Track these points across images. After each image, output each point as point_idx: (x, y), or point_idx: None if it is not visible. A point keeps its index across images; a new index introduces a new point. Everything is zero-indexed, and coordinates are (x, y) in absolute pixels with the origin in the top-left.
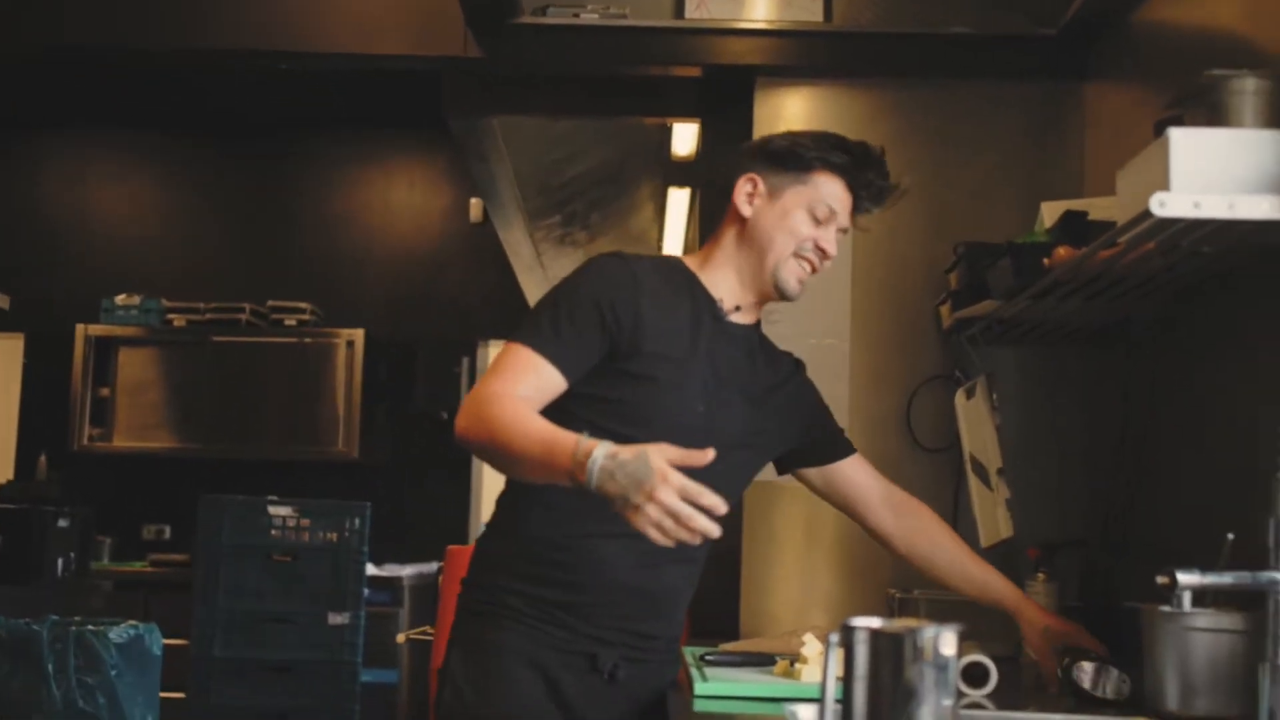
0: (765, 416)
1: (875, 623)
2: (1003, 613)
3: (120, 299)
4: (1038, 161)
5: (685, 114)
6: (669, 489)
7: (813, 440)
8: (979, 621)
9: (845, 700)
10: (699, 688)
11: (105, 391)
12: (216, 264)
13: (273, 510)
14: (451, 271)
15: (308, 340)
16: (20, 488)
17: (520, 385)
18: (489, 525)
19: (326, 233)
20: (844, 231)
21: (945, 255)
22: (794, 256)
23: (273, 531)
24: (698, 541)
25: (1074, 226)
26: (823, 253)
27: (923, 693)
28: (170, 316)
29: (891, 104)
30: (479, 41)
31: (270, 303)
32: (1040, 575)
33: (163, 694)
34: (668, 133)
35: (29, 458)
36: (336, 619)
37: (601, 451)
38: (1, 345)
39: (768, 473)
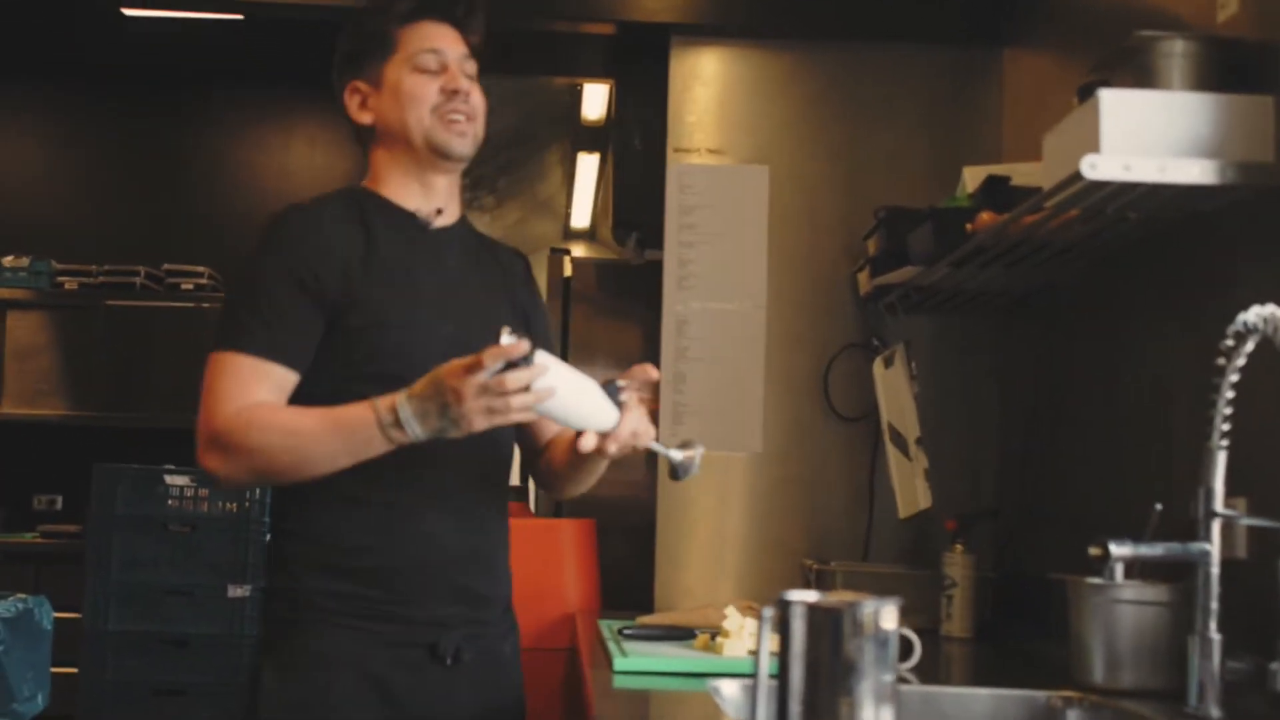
0: (516, 311)
1: (811, 596)
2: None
3: (8, 260)
4: (955, 126)
5: (597, 74)
6: (465, 379)
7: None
8: (898, 593)
9: (781, 676)
10: (618, 663)
11: None
12: (110, 225)
13: (169, 480)
14: None
15: (205, 305)
16: None
17: (252, 398)
18: (275, 526)
19: (225, 194)
20: (469, 64)
21: (862, 220)
22: (435, 119)
23: (169, 501)
24: (532, 403)
25: (996, 191)
26: (455, 93)
27: (863, 668)
28: (61, 279)
29: (808, 65)
30: None
31: (166, 266)
32: (958, 547)
33: (54, 669)
34: (578, 96)
35: None
36: (236, 591)
37: (402, 400)
38: None
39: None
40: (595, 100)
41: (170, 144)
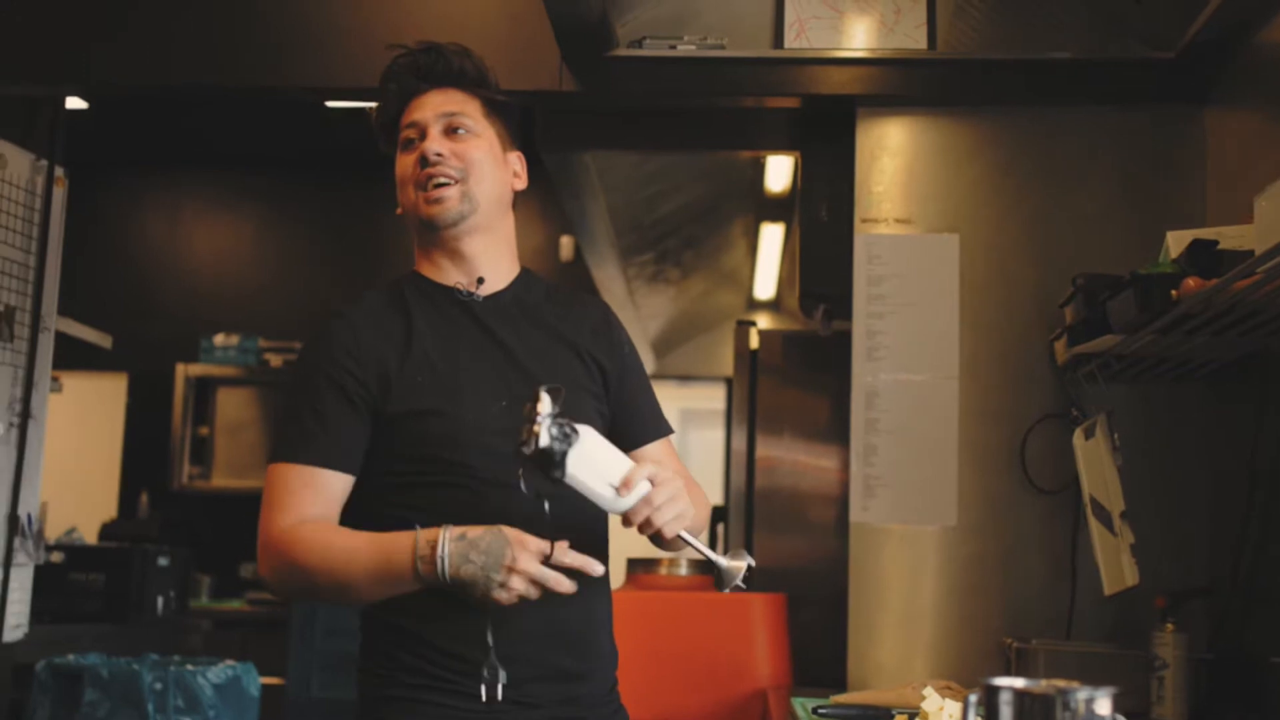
0: (587, 362)
1: (1019, 682)
2: (1130, 664)
3: (218, 339)
4: (1154, 190)
5: (782, 147)
6: (529, 555)
7: (621, 404)
8: (1105, 674)
9: None
10: None
11: (204, 430)
12: (312, 303)
13: None
14: None
15: None
16: (122, 526)
17: (305, 508)
18: (365, 609)
19: None
20: (452, 119)
21: (1058, 287)
22: (419, 193)
23: None
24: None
25: (1203, 256)
26: (425, 160)
27: None
28: (267, 356)
29: (998, 132)
30: (574, 74)
31: None
32: (1168, 626)
33: None
34: (761, 168)
35: (131, 496)
36: None
37: (448, 535)
38: (106, 385)
39: (875, 516)
40: (779, 171)
41: (367, 224)
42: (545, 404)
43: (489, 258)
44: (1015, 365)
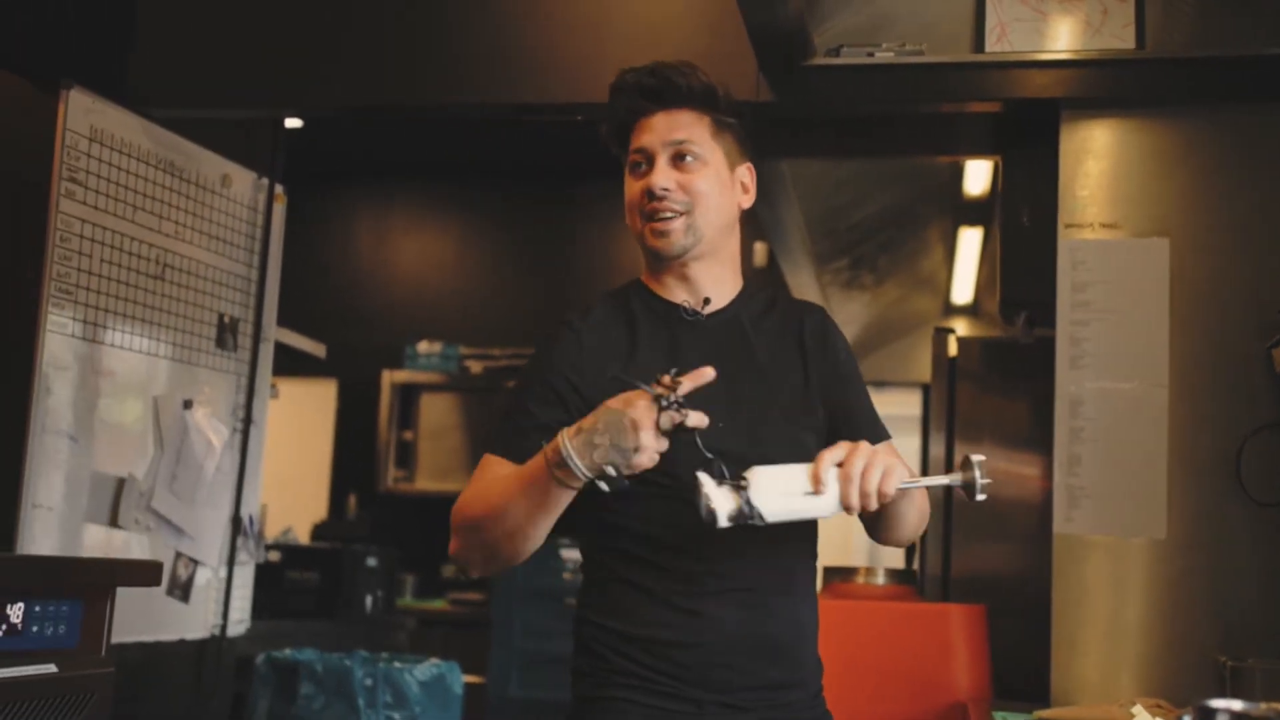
0: (810, 376)
1: (1237, 704)
2: None
3: (422, 346)
4: None
5: (982, 151)
6: (643, 409)
7: (838, 409)
8: None
9: None
10: None
11: (409, 435)
12: (510, 310)
13: (564, 554)
14: None
15: None
16: (333, 526)
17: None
18: (578, 612)
19: (614, 279)
20: (679, 146)
21: (1275, 293)
22: (644, 223)
23: (564, 575)
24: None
25: None
26: (652, 194)
27: None
28: (467, 363)
29: (1210, 132)
30: (771, 84)
31: None
32: None
33: None
34: (959, 172)
35: (340, 497)
36: None
37: (566, 436)
38: (318, 390)
39: (1080, 527)
40: (978, 174)
41: (564, 233)
42: (705, 483)
43: (713, 278)
44: (1230, 373)
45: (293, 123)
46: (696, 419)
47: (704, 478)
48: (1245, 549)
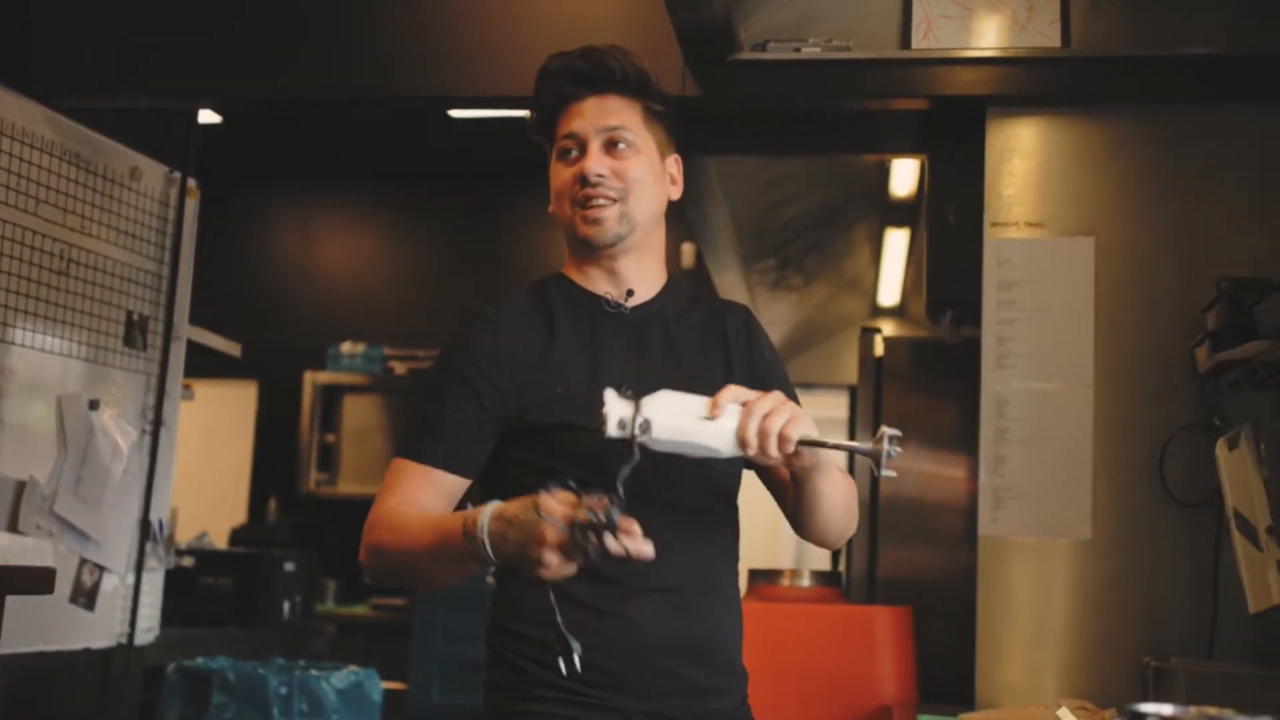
0: (738, 371)
1: (1166, 708)
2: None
3: (345, 347)
4: None
5: (908, 149)
6: (557, 533)
7: None
8: (1249, 695)
9: None
10: None
11: (331, 437)
12: (436, 311)
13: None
14: None
15: None
16: (252, 531)
17: (415, 499)
18: (491, 621)
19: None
20: (612, 133)
21: (1199, 293)
22: (575, 210)
23: (489, 579)
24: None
25: None
26: (585, 180)
27: None
28: (392, 364)
29: (1135, 131)
30: (697, 79)
31: None
32: None
33: None
34: (886, 173)
35: (260, 501)
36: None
37: (486, 516)
38: (237, 392)
39: (1005, 528)
40: (904, 175)
41: (490, 234)
42: (608, 395)
43: (639, 270)
44: (1154, 373)
45: (213, 118)
46: (616, 547)
47: (609, 392)
48: (1169, 550)
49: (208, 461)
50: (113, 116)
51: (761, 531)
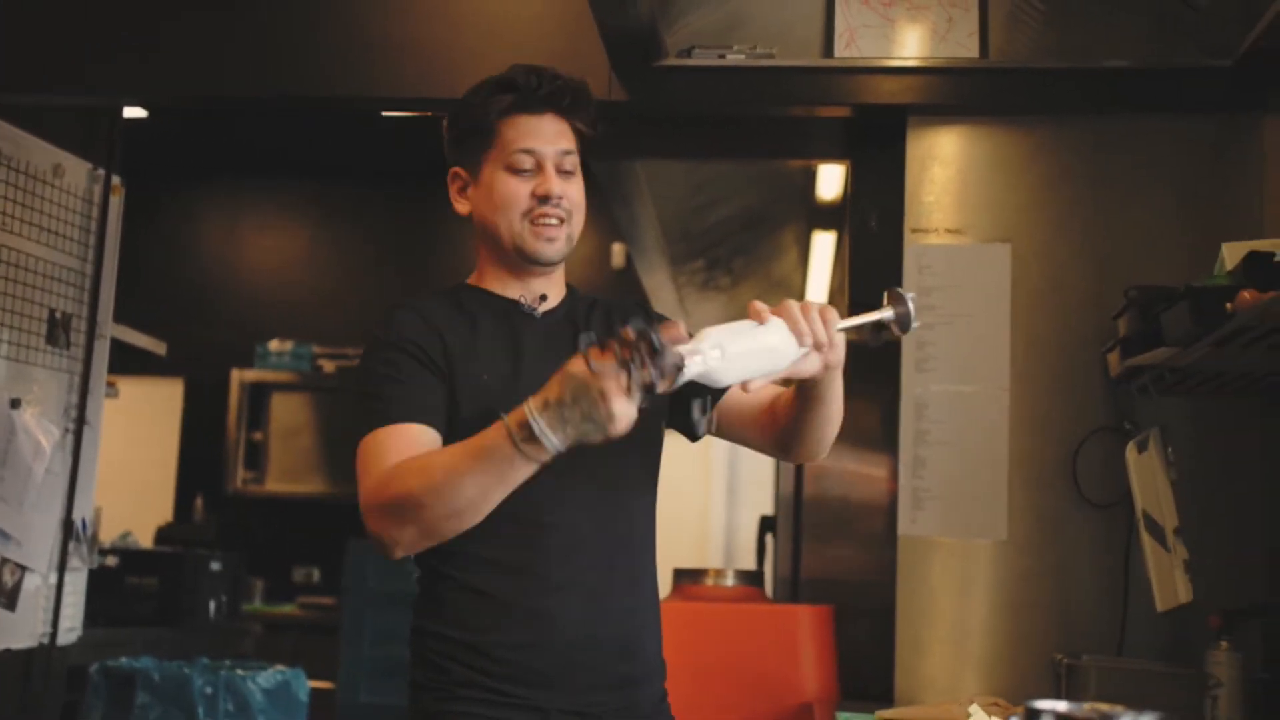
0: None
1: (1062, 705)
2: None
3: (273, 345)
4: (1210, 200)
5: (833, 155)
6: (609, 377)
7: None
8: (1157, 692)
9: None
10: None
11: (259, 436)
12: (364, 310)
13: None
14: None
15: None
16: (177, 530)
17: (409, 455)
18: (414, 622)
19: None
20: (566, 157)
21: (1112, 299)
22: (526, 223)
23: (416, 578)
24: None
25: (1259, 269)
26: (547, 198)
27: None
28: (320, 362)
29: (1051, 141)
30: (623, 84)
31: None
32: (1223, 644)
33: None
34: (812, 176)
35: (187, 499)
36: None
37: (533, 412)
38: (162, 390)
39: (924, 528)
40: (831, 179)
41: (419, 233)
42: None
43: (551, 280)
44: (1068, 377)
45: (138, 113)
46: (673, 358)
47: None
48: (1083, 549)
49: (133, 460)
50: (36, 113)
51: (690, 530)
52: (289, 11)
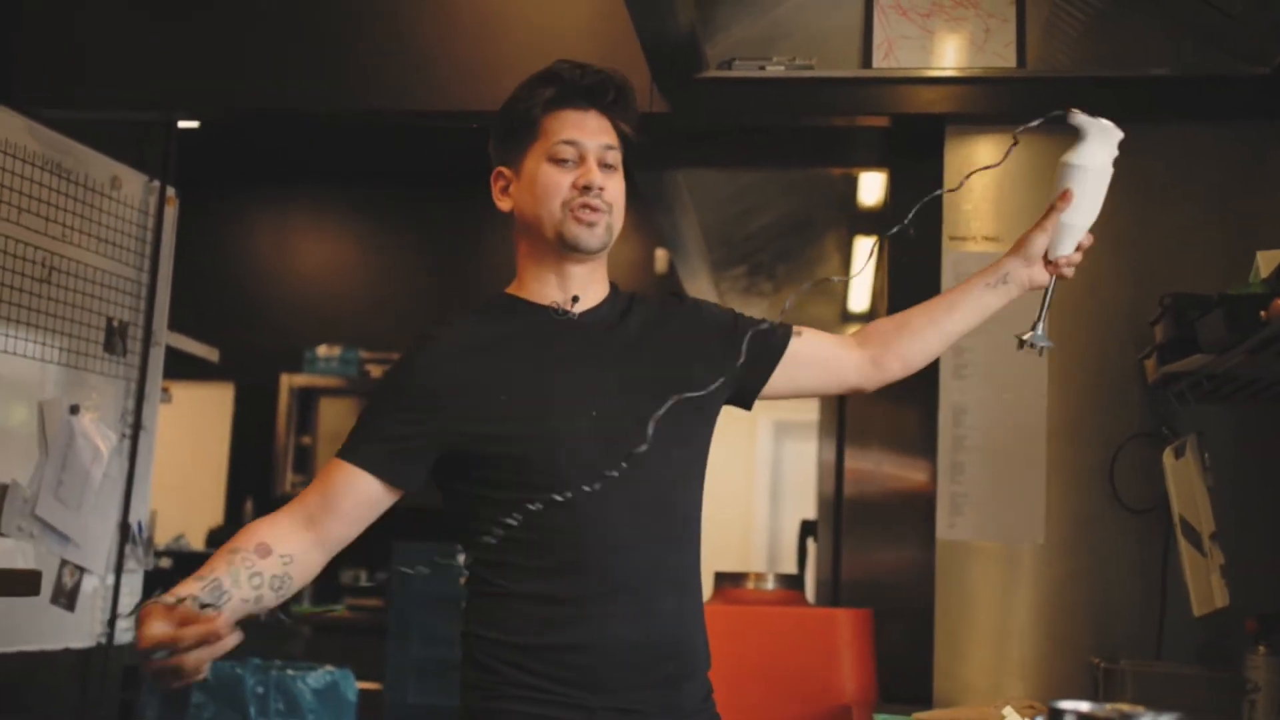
0: (711, 362)
1: (1085, 706)
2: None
3: (321, 350)
4: (1248, 208)
5: (872, 164)
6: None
7: (738, 350)
8: (1194, 696)
9: None
10: None
11: (307, 440)
12: (411, 315)
13: (463, 559)
14: None
15: None
16: (228, 532)
17: (317, 499)
18: (465, 624)
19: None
20: (608, 152)
21: (1150, 306)
22: (567, 214)
23: (463, 581)
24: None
25: None
26: (588, 188)
27: None
28: (367, 367)
29: None
30: (664, 96)
31: None
32: (1261, 648)
33: None
34: (854, 182)
35: (237, 503)
36: None
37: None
38: (214, 395)
39: (962, 533)
40: (872, 185)
41: (466, 238)
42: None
43: (591, 278)
44: (1105, 383)
45: (190, 124)
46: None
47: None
48: (1119, 554)
49: (185, 464)
50: (94, 127)
51: (734, 534)
52: (337, 27)
